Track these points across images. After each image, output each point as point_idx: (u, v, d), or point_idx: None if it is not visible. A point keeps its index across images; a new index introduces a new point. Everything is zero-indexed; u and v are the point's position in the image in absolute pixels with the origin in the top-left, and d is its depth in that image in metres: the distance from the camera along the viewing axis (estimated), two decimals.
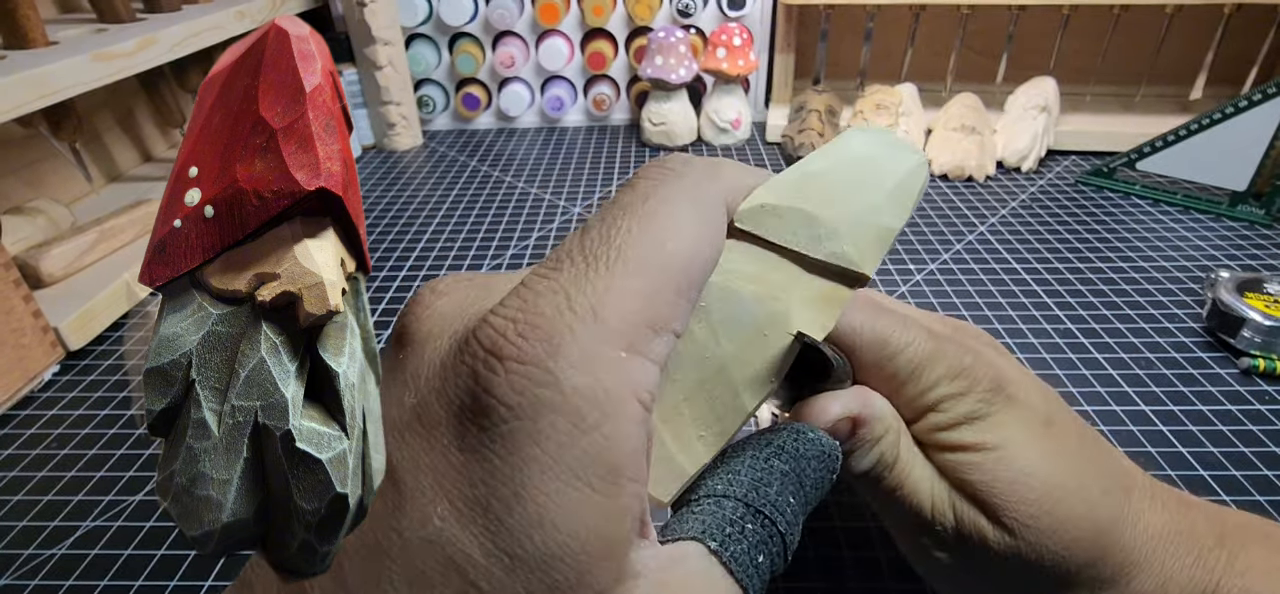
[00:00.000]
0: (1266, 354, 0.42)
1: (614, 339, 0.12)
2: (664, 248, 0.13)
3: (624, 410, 0.12)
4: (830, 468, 0.18)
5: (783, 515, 0.15)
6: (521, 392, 0.12)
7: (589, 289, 0.12)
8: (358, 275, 0.16)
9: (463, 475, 0.12)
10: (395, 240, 0.62)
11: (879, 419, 0.21)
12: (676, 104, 0.80)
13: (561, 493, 0.11)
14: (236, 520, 0.15)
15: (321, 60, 0.15)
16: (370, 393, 0.16)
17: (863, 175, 0.17)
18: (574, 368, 0.12)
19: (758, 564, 0.14)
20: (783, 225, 0.16)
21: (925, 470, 0.21)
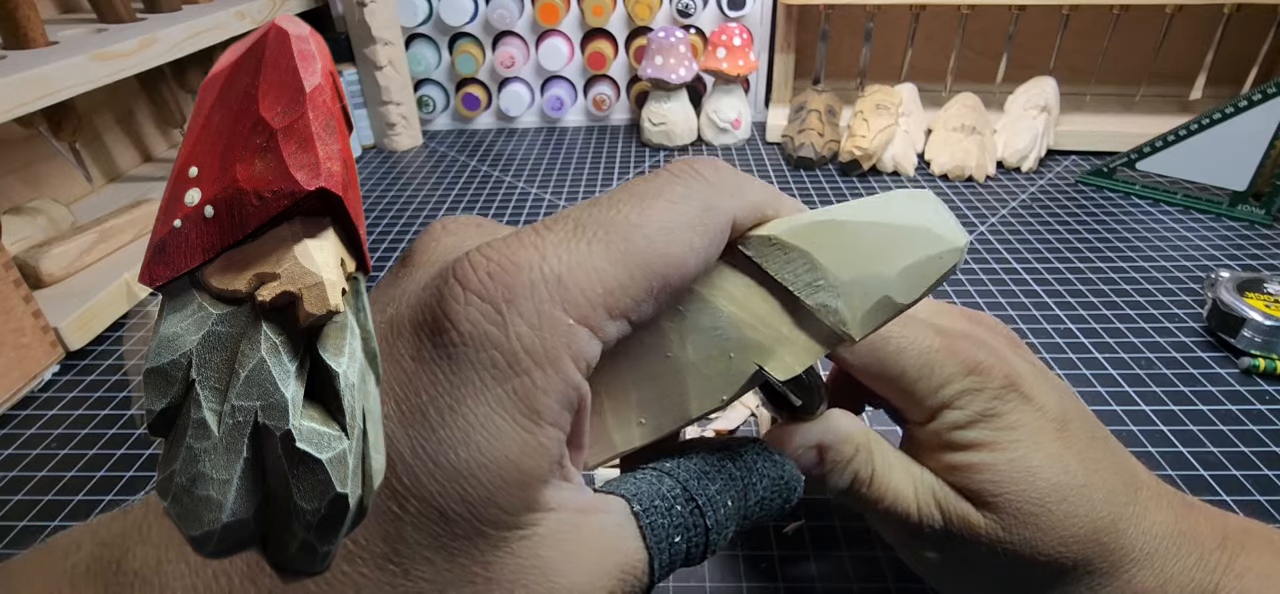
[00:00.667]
0: (1267, 354, 0.42)
1: (568, 307, 0.13)
2: (651, 245, 0.14)
3: (557, 366, 0.13)
4: (784, 494, 0.18)
5: (714, 511, 0.16)
6: (474, 323, 0.13)
7: (565, 255, 0.13)
8: (358, 275, 0.16)
9: (411, 383, 0.13)
10: (395, 240, 0.62)
11: (846, 440, 0.21)
12: (676, 104, 0.80)
13: (489, 419, 0.13)
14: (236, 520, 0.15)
15: (321, 60, 0.15)
16: (370, 393, 0.16)
17: (887, 240, 0.16)
18: (522, 319, 0.13)
19: (673, 543, 0.15)
20: (785, 263, 0.16)
21: (907, 477, 0.22)
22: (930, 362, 0.21)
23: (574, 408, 0.14)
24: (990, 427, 0.21)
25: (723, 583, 0.30)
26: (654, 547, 0.15)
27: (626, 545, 0.15)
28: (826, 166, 0.74)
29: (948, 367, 0.21)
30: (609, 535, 0.14)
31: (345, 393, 0.15)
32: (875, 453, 0.22)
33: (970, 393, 0.21)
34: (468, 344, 0.13)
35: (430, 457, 0.13)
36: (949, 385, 0.21)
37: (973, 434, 0.21)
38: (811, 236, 0.16)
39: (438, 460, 0.13)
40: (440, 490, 0.13)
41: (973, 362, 0.21)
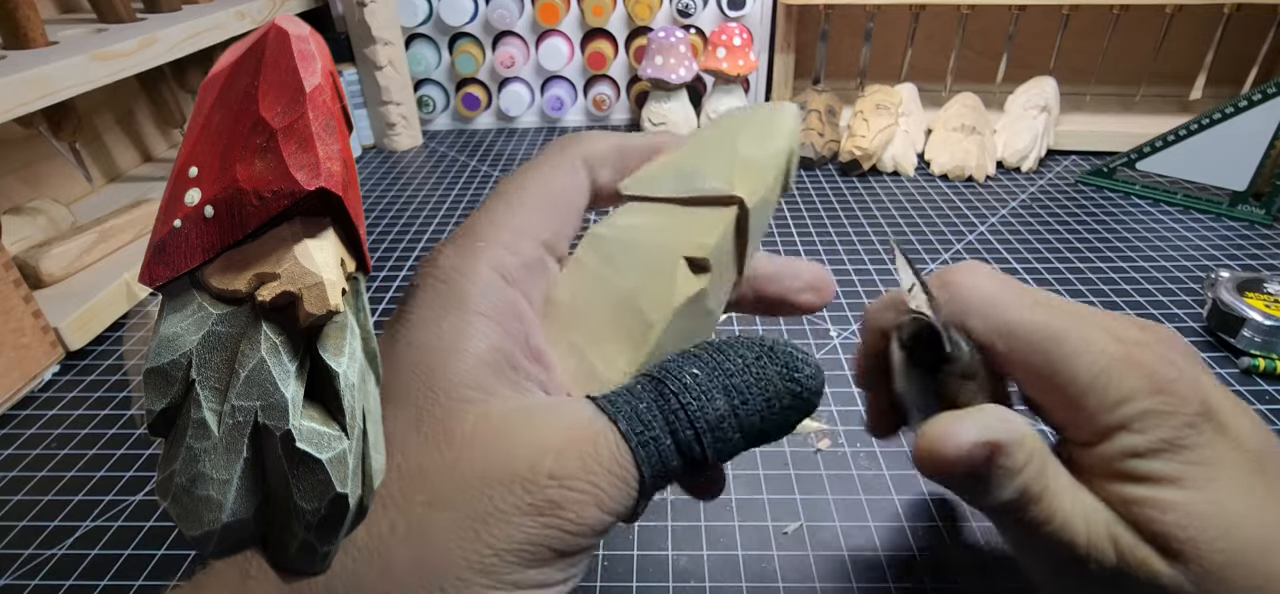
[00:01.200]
0: (1266, 354, 0.42)
1: (471, 239, 0.18)
2: (520, 187, 0.19)
3: (474, 270, 0.17)
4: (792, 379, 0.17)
5: (693, 393, 0.16)
6: (423, 271, 0.18)
7: (473, 218, 0.19)
8: (358, 275, 0.16)
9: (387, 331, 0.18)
10: (395, 240, 0.62)
11: (1020, 445, 0.18)
12: (676, 104, 0.80)
13: (429, 319, 0.17)
14: (236, 520, 0.15)
15: (321, 60, 0.15)
16: (370, 393, 0.16)
17: (723, 130, 0.21)
18: (444, 255, 0.18)
19: (641, 413, 0.16)
20: (659, 183, 0.20)
21: (1079, 502, 0.19)
22: (1109, 371, 0.18)
23: (506, 308, 0.17)
24: (1179, 459, 0.18)
25: (723, 583, 0.30)
26: (614, 416, 0.16)
27: (583, 412, 0.16)
28: (826, 166, 0.74)
29: (1129, 380, 0.18)
30: (564, 407, 0.16)
31: (345, 393, 0.15)
32: (1048, 468, 0.19)
33: (1156, 416, 0.18)
34: (418, 282, 0.18)
35: (393, 361, 0.16)
36: (1129, 403, 0.18)
37: (1157, 466, 0.18)
38: (667, 161, 0.21)
39: (401, 356, 0.16)
40: (402, 379, 0.16)
41: (1162, 380, 0.18)
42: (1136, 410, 0.18)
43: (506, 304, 0.17)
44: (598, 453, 0.15)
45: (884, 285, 0.52)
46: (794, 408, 0.17)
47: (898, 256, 0.22)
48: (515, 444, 0.15)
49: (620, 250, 0.19)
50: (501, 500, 0.14)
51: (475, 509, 0.14)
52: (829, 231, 0.60)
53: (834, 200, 0.67)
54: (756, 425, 0.16)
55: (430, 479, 0.15)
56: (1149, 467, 0.18)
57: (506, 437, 0.15)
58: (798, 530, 0.33)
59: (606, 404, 0.16)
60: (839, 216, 0.63)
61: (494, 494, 0.14)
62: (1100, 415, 0.19)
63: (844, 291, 0.51)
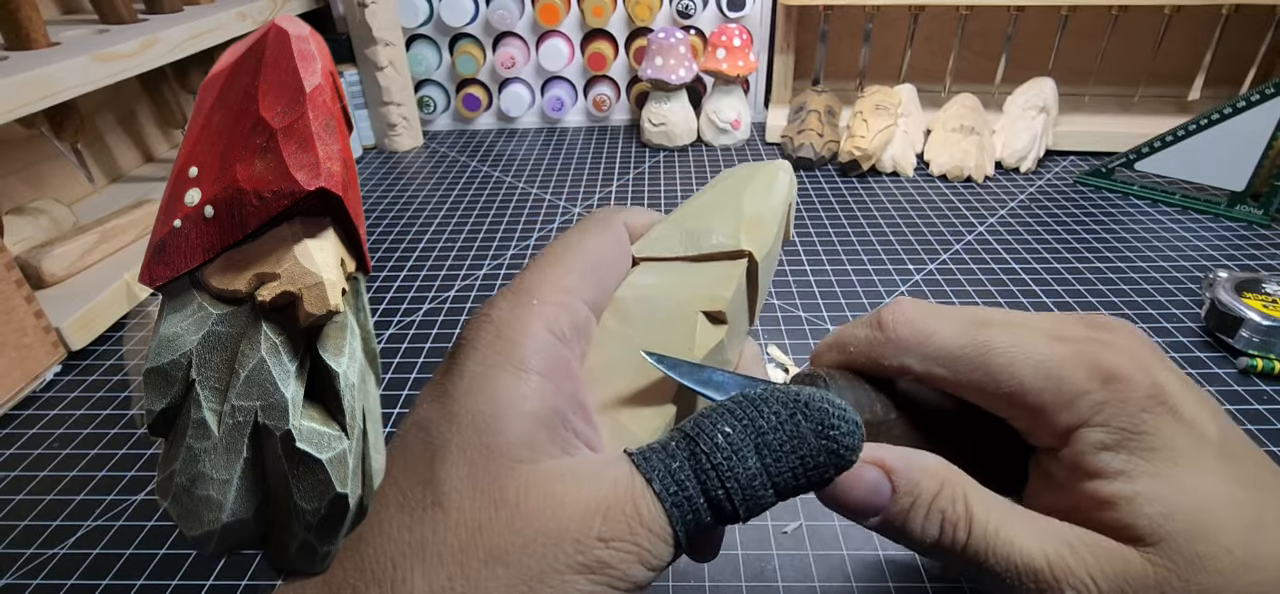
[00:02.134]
0: (1265, 354, 0.42)
1: (526, 296, 0.18)
2: (570, 249, 0.20)
3: (529, 328, 0.18)
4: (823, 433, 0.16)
5: (707, 435, 0.16)
6: (473, 325, 0.18)
7: (522, 276, 0.19)
8: (358, 275, 0.16)
9: (438, 382, 0.18)
10: (396, 240, 0.62)
11: (925, 472, 0.18)
12: (676, 105, 0.80)
13: (485, 375, 0.17)
14: (236, 520, 0.15)
15: (321, 60, 0.15)
16: (370, 393, 0.16)
17: (726, 189, 0.22)
18: (498, 309, 0.18)
19: (674, 471, 0.16)
20: (670, 243, 0.21)
21: (1027, 528, 0.18)
22: (1053, 371, 0.18)
23: (558, 367, 0.18)
24: (1141, 447, 0.17)
25: (723, 582, 0.30)
26: (649, 475, 0.16)
27: (623, 472, 0.16)
28: (826, 167, 0.74)
29: (1076, 375, 0.18)
30: (607, 469, 0.17)
31: (345, 393, 0.15)
32: (971, 497, 0.18)
33: (1110, 406, 0.18)
34: (469, 337, 0.18)
35: (449, 413, 0.17)
36: (1081, 398, 0.18)
37: (1121, 458, 0.18)
38: (679, 219, 0.22)
39: (453, 413, 0.17)
40: (459, 432, 0.16)
41: (1108, 369, 0.18)
42: (1089, 405, 0.18)
43: (559, 362, 0.18)
44: (639, 513, 0.16)
45: (883, 285, 0.52)
46: (830, 465, 0.16)
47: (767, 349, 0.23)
48: (565, 506, 0.16)
49: (638, 309, 0.20)
50: (555, 560, 0.15)
51: (531, 568, 0.15)
52: (828, 232, 0.60)
53: (833, 201, 0.67)
54: (789, 482, 0.16)
55: (486, 537, 0.15)
56: (1113, 460, 0.18)
57: (557, 498, 0.16)
58: (797, 530, 0.33)
59: (642, 462, 0.16)
60: (838, 217, 0.63)
61: (548, 554, 0.15)
62: (1058, 415, 0.18)
63: (843, 292, 0.52)
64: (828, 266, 0.55)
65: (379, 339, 0.48)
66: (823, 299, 0.51)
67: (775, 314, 0.49)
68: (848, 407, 0.17)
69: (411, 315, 0.51)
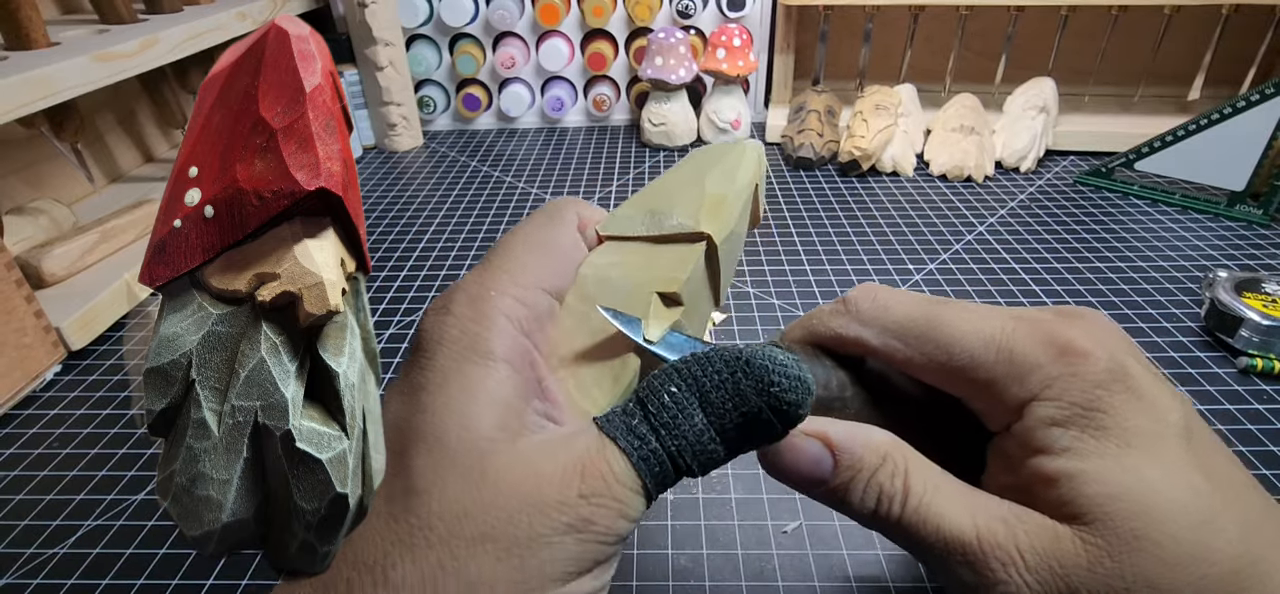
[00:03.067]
0: (1264, 354, 0.42)
1: (483, 290, 0.19)
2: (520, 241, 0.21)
3: (491, 320, 0.18)
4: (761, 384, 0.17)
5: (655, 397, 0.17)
6: (434, 322, 0.19)
7: (477, 272, 0.20)
8: (358, 275, 0.16)
9: (405, 379, 0.18)
10: (396, 240, 0.62)
11: (867, 446, 0.18)
12: (676, 105, 0.80)
13: (454, 367, 0.18)
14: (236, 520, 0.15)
15: (321, 60, 0.15)
16: (370, 393, 0.16)
17: (693, 169, 0.22)
18: (458, 305, 0.19)
19: (634, 428, 0.17)
20: (632, 223, 0.21)
21: (961, 502, 0.18)
22: (1005, 344, 0.18)
23: (521, 355, 0.18)
24: (1093, 424, 0.17)
25: (723, 582, 0.31)
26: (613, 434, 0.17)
27: (591, 436, 0.17)
28: (826, 167, 0.74)
29: (1030, 348, 0.18)
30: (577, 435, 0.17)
31: (345, 393, 0.15)
32: (912, 470, 0.18)
33: (1063, 380, 0.17)
34: (428, 334, 0.19)
35: (421, 406, 0.17)
36: (1035, 371, 0.18)
37: (1070, 436, 0.17)
38: (642, 199, 0.22)
39: (427, 405, 0.17)
40: (435, 422, 0.17)
41: (1064, 342, 0.18)
42: (1041, 378, 0.18)
43: (522, 351, 0.19)
44: (612, 469, 0.16)
45: (882, 284, 0.52)
46: (773, 420, 0.17)
47: None
48: (544, 474, 0.16)
49: (598, 289, 0.20)
50: (541, 524, 0.16)
51: (519, 537, 0.16)
52: (828, 232, 0.60)
53: (833, 201, 0.67)
54: (734, 435, 0.17)
55: (473, 517, 0.16)
56: (1061, 436, 0.17)
57: (535, 470, 0.16)
58: (797, 530, 0.33)
59: (606, 425, 0.17)
60: (838, 217, 0.63)
61: (534, 520, 0.16)
62: (1011, 389, 0.18)
63: (843, 292, 0.51)
64: (828, 266, 0.55)
65: (379, 339, 0.48)
66: (823, 299, 0.51)
67: (775, 314, 0.49)
68: (791, 361, 0.17)
69: (411, 315, 0.51)
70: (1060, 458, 0.17)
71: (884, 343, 0.20)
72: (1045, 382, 0.18)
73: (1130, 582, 0.16)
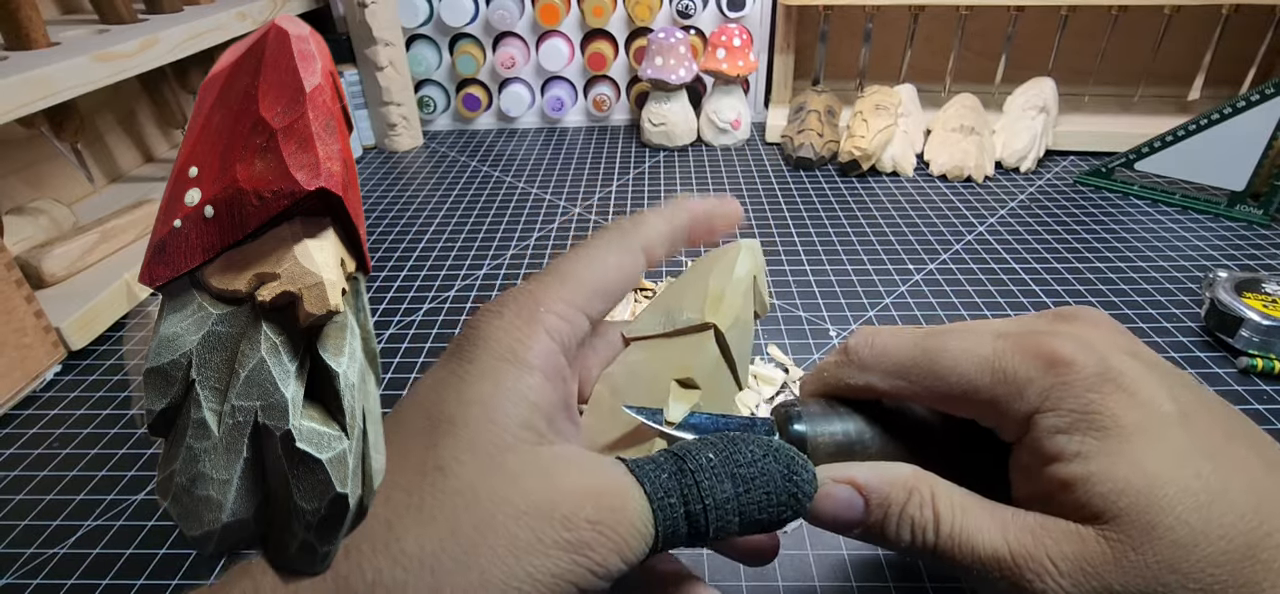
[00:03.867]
0: (1264, 353, 0.42)
1: (534, 303, 0.20)
2: (583, 265, 0.21)
3: (534, 332, 0.19)
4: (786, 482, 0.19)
5: (707, 475, 0.18)
6: (484, 320, 0.20)
7: (533, 283, 0.21)
8: (358, 275, 0.16)
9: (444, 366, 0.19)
10: (396, 240, 0.62)
11: (893, 483, 0.19)
12: (676, 105, 0.80)
13: (493, 365, 0.18)
14: (236, 520, 0.15)
15: (321, 60, 0.15)
16: (370, 393, 0.16)
17: (698, 272, 0.25)
18: (509, 310, 0.20)
19: (663, 481, 0.17)
20: (651, 324, 0.24)
21: (991, 519, 0.18)
22: (996, 365, 0.19)
23: (557, 371, 0.19)
24: (1093, 427, 0.18)
25: (723, 582, 0.30)
26: (641, 479, 0.17)
27: (616, 471, 0.18)
28: (826, 167, 0.75)
29: (1019, 366, 0.19)
30: (602, 463, 0.18)
31: (345, 393, 0.15)
32: (939, 497, 0.19)
33: (1057, 390, 0.18)
34: (475, 330, 0.19)
35: (458, 394, 0.18)
36: (1029, 386, 0.19)
37: (1077, 441, 0.18)
38: (656, 305, 0.25)
39: (463, 394, 0.18)
40: (463, 406, 0.18)
41: (1048, 353, 0.19)
42: (1037, 391, 0.19)
43: (558, 368, 0.20)
44: (626, 508, 0.17)
45: (883, 285, 0.52)
46: (788, 506, 0.18)
47: None
48: (560, 486, 0.17)
49: (626, 383, 0.23)
50: (543, 533, 0.16)
51: (520, 538, 0.16)
52: (828, 232, 0.60)
53: (833, 201, 0.67)
54: (753, 515, 0.18)
55: (482, 503, 0.16)
56: (1068, 442, 0.18)
57: (553, 478, 0.17)
58: (797, 530, 0.33)
59: (635, 467, 0.18)
60: (838, 217, 0.63)
61: (538, 527, 0.16)
62: (1013, 405, 0.19)
63: (843, 292, 0.52)
64: (828, 267, 0.55)
65: (379, 339, 0.48)
66: (823, 299, 0.51)
67: (775, 314, 0.49)
68: (809, 463, 0.19)
69: (411, 315, 0.51)
70: (1072, 463, 0.18)
71: (890, 384, 0.21)
72: (1042, 394, 0.18)
73: (1155, 569, 0.16)
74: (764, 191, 0.69)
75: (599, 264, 0.22)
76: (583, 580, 0.16)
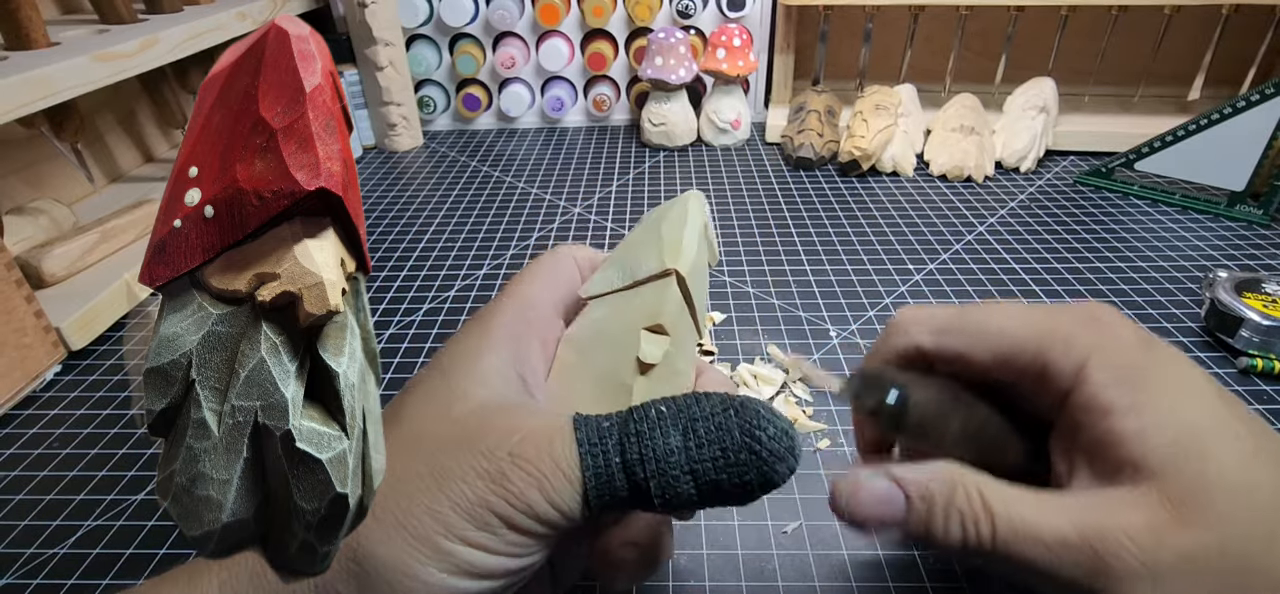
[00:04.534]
0: (1265, 354, 0.42)
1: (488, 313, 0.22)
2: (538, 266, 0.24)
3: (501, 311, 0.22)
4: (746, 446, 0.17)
5: (640, 410, 0.18)
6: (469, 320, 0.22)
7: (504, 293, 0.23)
8: (358, 275, 0.16)
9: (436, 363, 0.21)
10: (396, 240, 0.62)
11: (935, 477, 0.18)
12: (676, 105, 0.80)
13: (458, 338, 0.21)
14: (236, 520, 0.15)
15: (321, 60, 0.15)
16: (370, 393, 0.16)
17: (647, 226, 0.25)
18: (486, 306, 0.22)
19: (603, 430, 0.17)
20: (608, 281, 0.24)
21: (1050, 506, 0.18)
22: (1040, 323, 0.20)
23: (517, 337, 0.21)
24: (1140, 381, 0.18)
25: (723, 582, 0.30)
26: (578, 424, 0.18)
27: (557, 420, 0.18)
28: (826, 167, 0.74)
29: (1063, 321, 0.20)
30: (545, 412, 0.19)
31: (345, 393, 0.15)
32: (986, 490, 0.18)
33: (1104, 345, 0.19)
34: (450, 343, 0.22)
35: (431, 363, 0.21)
36: (1076, 337, 0.19)
37: (1127, 393, 0.18)
38: (609, 262, 0.25)
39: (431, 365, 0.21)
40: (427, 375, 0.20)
41: (1089, 313, 0.20)
42: (1084, 344, 0.19)
43: (518, 336, 0.21)
44: (552, 449, 0.17)
45: (883, 285, 0.52)
46: (750, 465, 0.17)
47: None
48: (493, 424, 0.18)
49: (591, 340, 0.23)
50: (462, 462, 0.17)
51: (443, 464, 0.17)
52: (828, 232, 0.60)
53: (833, 201, 0.67)
54: (708, 473, 0.17)
55: (422, 442, 0.18)
56: (1120, 394, 0.18)
57: (489, 419, 0.18)
58: (797, 530, 0.33)
59: (578, 419, 0.18)
60: (838, 217, 0.63)
61: (460, 457, 0.17)
62: (1062, 362, 0.19)
63: (843, 292, 0.52)
64: (828, 267, 0.55)
65: (379, 339, 0.48)
66: (823, 299, 0.51)
67: (775, 314, 0.49)
68: (780, 417, 0.17)
69: (411, 315, 0.51)
70: (1126, 417, 0.18)
71: (938, 343, 0.22)
72: (1088, 347, 0.19)
73: (1221, 523, 0.16)
74: (764, 191, 0.69)
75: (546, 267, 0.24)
76: (501, 509, 0.17)
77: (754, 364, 0.44)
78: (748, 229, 0.61)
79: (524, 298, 0.23)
